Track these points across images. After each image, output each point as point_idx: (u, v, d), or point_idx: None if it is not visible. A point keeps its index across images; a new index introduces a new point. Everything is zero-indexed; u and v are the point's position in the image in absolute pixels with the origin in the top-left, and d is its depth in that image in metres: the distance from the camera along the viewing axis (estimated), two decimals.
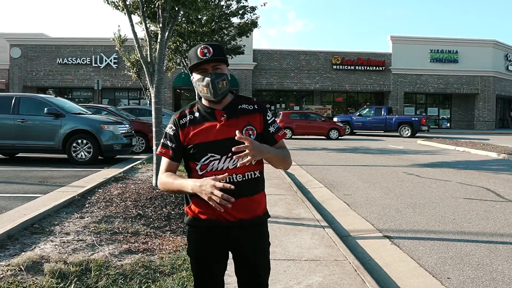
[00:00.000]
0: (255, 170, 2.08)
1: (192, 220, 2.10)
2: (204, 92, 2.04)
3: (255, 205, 2.10)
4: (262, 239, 2.17)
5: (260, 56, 34.81)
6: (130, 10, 6.09)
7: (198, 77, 2.04)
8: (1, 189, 7.38)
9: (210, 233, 2.06)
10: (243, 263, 2.15)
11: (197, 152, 2.03)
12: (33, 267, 3.50)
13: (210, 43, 2.09)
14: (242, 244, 2.10)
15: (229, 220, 2.03)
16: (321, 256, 4.48)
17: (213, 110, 2.07)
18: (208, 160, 2.01)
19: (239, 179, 2.03)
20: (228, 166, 2.01)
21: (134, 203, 5.81)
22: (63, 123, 10.43)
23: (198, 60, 2.01)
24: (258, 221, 2.13)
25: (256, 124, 2.10)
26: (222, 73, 2.04)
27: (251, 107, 2.12)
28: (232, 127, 2.01)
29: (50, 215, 5.08)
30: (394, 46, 35.24)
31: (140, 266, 3.78)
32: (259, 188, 2.13)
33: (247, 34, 14.80)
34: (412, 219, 6.34)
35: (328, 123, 24.65)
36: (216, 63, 2.04)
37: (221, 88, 2.02)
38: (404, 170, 11.35)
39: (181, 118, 2.09)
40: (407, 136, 25.78)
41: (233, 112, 2.08)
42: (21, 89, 32.66)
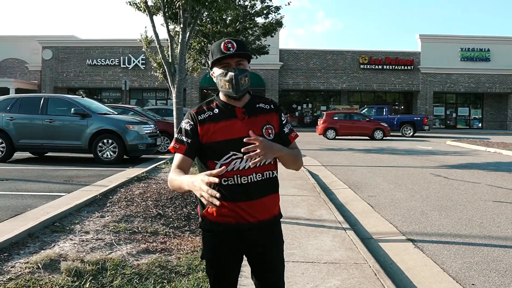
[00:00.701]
0: (273, 170, 2.07)
1: (208, 224, 2.05)
2: (225, 87, 1.99)
3: (272, 204, 2.09)
4: (279, 238, 2.17)
5: (287, 56, 34.69)
6: (151, 11, 6.13)
7: (220, 71, 2.00)
8: (28, 187, 7.57)
9: (228, 237, 2.02)
10: (261, 264, 2.12)
11: (218, 150, 1.97)
12: (50, 265, 3.55)
13: (234, 38, 2.06)
14: (261, 245, 2.07)
15: (250, 222, 2.00)
16: (340, 259, 4.38)
17: (233, 108, 2.03)
18: (230, 158, 1.96)
19: (259, 179, 2.00)
20: (251, 165, 1.96)
21: (154, 202, 5.84)
22: (89, 123, 10.62)
23: (222, 54, 1.97)
24: (275, 221, 2.12)
25: (274, 123, 2.08)
26: (245, 69, 2.02)
27: (268, 107, 2.11)
28: (253, 126, 1.99)
29: (72, 213, 5.16)
30: (423, 45, 34.50)
31: (157, 266, 3.78)
32: (275, 187, 2.11)
33: (271, 34, 14.74)
34: (437, 222, 6.15)
35: (373, 123, 24.30)
36: (240, 58, 2.01)
37: (243, 84, 1.99)
38: (432, 171, 11.06)
39: (200, 113, 2.03)
40: (409, 135, 25.89)
41: (253, 110, 2.06)
42: (52, 90, 33.58)
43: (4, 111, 10.98)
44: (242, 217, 1.98)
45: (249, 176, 1.97)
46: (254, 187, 1.99)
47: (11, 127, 10.82)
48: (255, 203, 1.99)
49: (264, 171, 2.02)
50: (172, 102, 6.35)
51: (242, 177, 1.97)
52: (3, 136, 10.83)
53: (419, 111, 34.79)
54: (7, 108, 11.01)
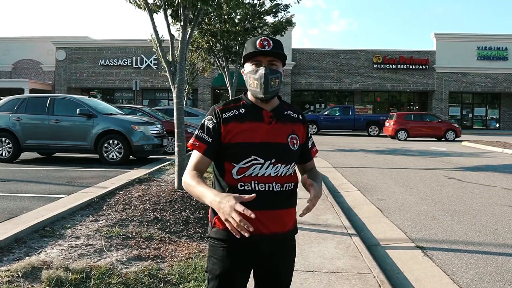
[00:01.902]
0: (293, 182, 1.95)
1: (221, 233, 1.87)
2: (254, 86, 1.87)
3: (288, 218, 1.94)
4: (291, 254, 2.03)
5: (299, 55, 34.38)
6: (151, 8, 5.95)
7: (250, 68, 1.89)
8: (29, 189, 7.46)
9: (239, 249, 1.86)
10: (268, 281, 1.99)
11: (238, 152, 1.83)
12: (32, 274, 3.36)
13: (272, 37, 1.92)
14: (272, 259, 1.94)
15: (263, 233, 1.84)
16: (343, 268, 4.13)
17: (261, 110, 1.90)
18: (250, 163, 1.83)
19: (278, 189, 1.86)
20: (270, 173, 1.85)
21: (153, 206, 5.65)
22: (95, 124, 10.52)
23: (255, 49, 1.84)
24: (289, 236, 1.98)
25: (300, 134, 1.98)
26: (277, 70, 1.88)
27: (296, 116, 2.00)
28: (279, 132, 1.89)
29: (65, 217, 4.99)
30: (439, 44, 33.85)
31: (146, 274, 3.59)
32: (293, 201, 1.97)
33: (281, 33, 14.49)
34: (449, 228, 5.85)
35: (445, 124, 24.05)
36: (273, 58, 1.88)
37: (273, 85, 1.86)
38: (445, 173, 10.71)
39: (225, 111, 1.89)
40: (375, 135, 26.37)
41: (280, 116, 1.93)
42: (65, 90, 33.83)
43: (11, 111, 10.94)
44: (256, 227, 1.80)
45: (267, 184, 1.84)
46: (272, 197, 1.85)
47: (18, 128, 10.78)
48: (270, 213, 1.85)
49: (284, 182, 1.89)
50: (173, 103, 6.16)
51: (260, 184, 1.83)
52: (10, 137, 10.79)
53: (434, 111, 34.13)
54: (14, 108, 10.98)
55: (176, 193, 6.23)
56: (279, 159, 1.86)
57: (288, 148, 1.90)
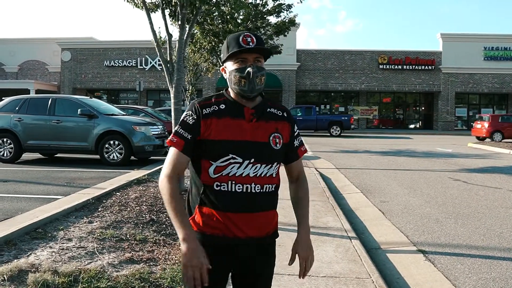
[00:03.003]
0: (274, 183, 1.87)
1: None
2: (239, 84, 1.79)
3: (266, 222, 1.87)
4: (270, 260, 1.94)
5: (304, 56, 34.25)
6: (149, 7, 5.87)
7: (235, 67, 1.80)
8: (27, 189, 7.40)
9: (215, 252, 1.78)
10: (245, 285, 1.92)
11: (216, 150, 1.76)
12: (18, 277, 3.28)
13: (253, 33, 1.85)
14: (250, 265, 1.87)
15: (238, 236, 1.77)
16: (341, 273, 4.02)
17: (242, 107, 1.83)
18: (228, 162, 1.76)
19: (257, 190, 1.79)
20: (249, 173, 1.77)
21: (149, 207, 5.57)
22: (96, 124, 10.46)
23: (240, 48, 1.76)
24: (267, 241, 1.89)
25: (284, 132, 1.90)
26: (262, 67, 1.83)
27: (280, 113, 1.92)
28: (261, 131, 1.82)
29: (58, 219, 4.91)
30: (445, 44, 33.59)
31: (137, 278, 3.49)
32: (273, 204, 1.90)
33: (284, 33, 14.39)
34: (452, 231, 5.71)
35: None
36: (259, 55, 1.82)
37: (259, 83, 1.81)
38: (450, 175, 10.55)
39: (205, 107, 1.81)
40: (337, 135, 26.38)
41: (262, 114, 1.86)
42: (71, 91, 33.90)
43: (13, 111, 10.91)
44: (229, 229, 1.77)
45: (245, 185, 1.77)
46: (249, 199, 1.78)
47: (19, 128, 10.75)
48: (246, 216, 1.77)
49: (264, 184, 1.81)
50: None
51: (237, 185, 1.76)
52: (11, 137, 10.76)
53: (440, 112, 33.93)
54: (15, 108, 10.95)
55: None
56: (259, 159, 1.79)
57: (270, 148, 1.82)
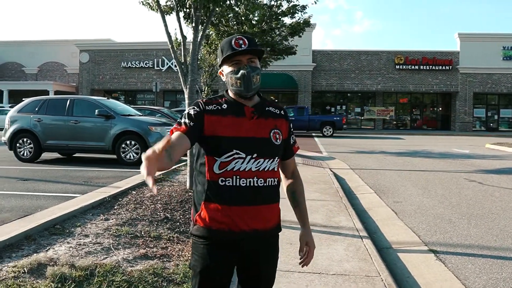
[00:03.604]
0: (274, 177, 1.95)
1: (201, 230, 1.90)
2: (236, 85, 1.89)
3: (270, 215, 1.95)
4: (274, 253, 2.03)
5: (320, 57, 34.19)
6: (163, 10, 5.99)
7: (231, 69, 1.90)
8: (46, 188, 7.61)
9: (221, 246, 1.87)
10: (250, 279, 1.99)
11: (220, 146, 1.84)
12: (38, 270, 3.42)
13: (244, 35, 1.96)
14: (252, 255, 1.94)
15: (243, 230, 1.85)
16: (351, 271, 4.06)
17: (242, 106, 1.92)
18: (232, 157, 1.84)
19: (260, 184, 1.87)
20: (251, 168, 1.85)
21: (164, 205, 5.69)
22: (113, 125, 10.66)
23: (233, 50, 1.86)
24: (271, 233, 1.98)
25: (283, 129, 2.01)
26: (257, 67, 1.92)
27: (278, 112, 2.03)
28: (262, 127, 1.92)
29: (76, 216, 5.06)
30: (462, 44, 33.16)
31: (151, 273, 3.60)
32: (276, 197, 1.98)
33: (299, 34, 14.43)
34: (465, 231, 5.70)
35: None
36: (252, 55, 1.91)
37: (255, 82, 1.90)
38: (466, 176, 10.46)
39: (209, 104, 1.91)
40: (329, 135, 26.58)
41: (262, 112, 1.96)
42: (89, 92, 34.45)
43: (32, 112, 11.19)
44: (235, 223, 1.84)
45: (249, 179, 1.84)
46: (253, 192, 1.86)
47: (39, 128, 11.01)
48: (251, 209, 1.86)
49: (267, 178, 1.89)
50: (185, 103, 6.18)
51: (241, 180, 1.84)
52: (31, 137, 11.03)
53: (458, 113, 33.51)
54: (35, 109, 11.22)
55: (187, 193, 6.25)
56: (261, 154, 1.87)
57: (271, 143, 1.91)
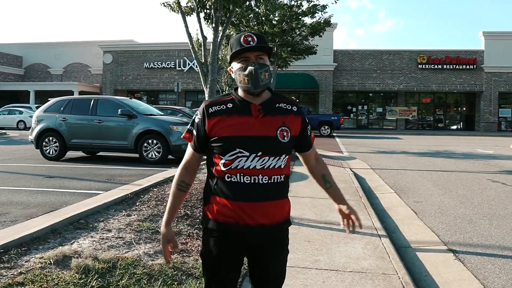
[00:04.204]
0: (282, 174, 1.96)
1: (209, 222, 1.98)
2: (244, 82, 1.90)
3: (276, 210, 1.97)
4: (280, 246, 2.05)
5: (341, 56, 34.01)
6: (184, 11, 6.11)
7: (239, 66, 1.91)
8: (71, 185, 7.83)
9: (227, 238, 1.94)
10: (259, 272, 2.04)
11: (224, 145, 1.89)
12: (63, 262, 3.56)
13: (254, 32, 2.01)
14: (259, 250, 1.98)
15: (248, 224, 1.91)
16: (368, 268, 4.09)
17: (249, 104, 1.93)
18: (235, 156, 1.88)
19: (265, 181, 1.90)
20: (256, 165, 1.88)
21: (184, 203, 5.79)
22: (135, 124, 10.86)
23: (241, 47, 1.88)
24: (278, 228, 2.00)
25: (292, 126, 1.99)
26: (265, 64, 1.92)
27: (289, 107, 2.01)
28: (267, 125, 1.92)
29: (99, 211, 5.22)
30: (487, 42, 32.50)
31: (171, 267, 3.69)
32: (282, 193, 2.01)
33: (319, 33, 14.42)
34: (485, 232, 5.64)
35: None
36: (260, 52, 1.92)
37: (263, 79, 1.90)
38: (489, 177, 10.29)
39: (211, 106, 1.95)
40: (326, 134, 26.52)
41: (270, 109, 1.95)
42: (112, 92, 35.07)
43: (58, 112, 11.50)
44: (241, 217, 1.89)
45: (253, 176, 1.88)
46: (258, 189, 1.89)
47: (64, 128, 11.30)
48: (256, 205, 1.90)
49: (272, 175, 1.91)
50: None
51: (245, 177, 1.88)
52: (56, 136, 11.34)
53: (482, 113, 32.86)
54: (60, 109, 11.52)
55: None
56: (267, 152, 1.89)
57: (277, 141, 1.92)
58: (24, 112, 27.20)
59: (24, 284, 3.12)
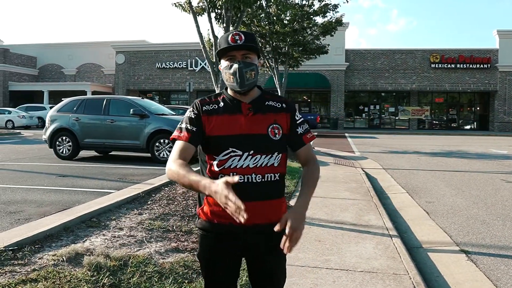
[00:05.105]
0: (275, 173, 1.92)
1: (203, 224, 1.95)
2: (230, 81, 1.88)
3: (271, 210, 1.93)
4: (277, 247, 1.94)
5: (353, 56, 33.87)
6: (195, 11, 6.14)
7: (226, 64, 1.90)
8: (83, 184, 7.91)
9: (222, 239, 1.91)
10: (258, 273, 2.01)
11: (217, 145, 1.87)
12: (75, 259, 3.61)
13: (243, 31, 1.96)
14: (254, 248, 1.95)
15: (243, 224, 1.80)
16: (379, 268, 4.07)
17: (239, 102, 1.91)
18: (228, 155, 1.85)
19: (258, 180, 1.87)
20: (249, 164, 1.85)
21: (195, 202, 5.83)
22: (147, 123, 10.94)
23: (227, 45, 1.86)
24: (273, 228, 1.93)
25: (283, 123, 1.96)
26: (252, 62, 1.89)
27: (279, 105, 1.98)
28: (258, 123, 1.89)
29: (111, 210, 5.27)
30: (501, 41, 32.09)
31: (181, 265, 3.72)
32: (277, 192, 1.96)
33: (331, 33, 14.37)
34: (498, 232, 5.57)
35: None
36: (247, 51, 1.88)
37: (249, 78, 1.87)
38: (503, 177, 10.16)
39: (204, 104, 1.93)
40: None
41: (260, 107, 1.93)
42: (124, 92, 35.37)
43: (71, 111, 11.62)
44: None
45: (246, 175, 1.85)
46: (251, 188, 1.85)
47: (77, 127, 11.42)
48: (250, 204, 1.80)
49: (265, 173, 1.88)
50: None
51: (239, 176, 1.82)
52: (69, 136, 11.46)
53: (497, 113, 32.47)
54: (73, 109, 11.65)
55: None
56: (258, 150, 1.87)
57: (269, 139, 1.89)
58: (12, 112, 28.92)
59: (37, 281, 3.17)
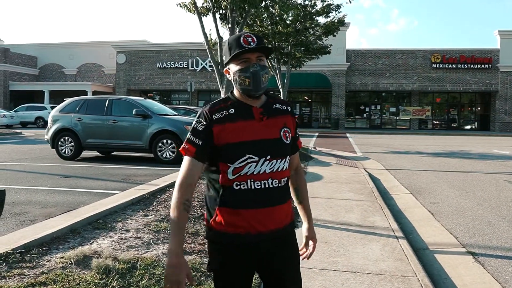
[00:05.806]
0: (286, 177, 1.93)
1: (216, 236, 1.86)
2: (245, 84, 1.83)
3: (285, 213, 1.92)
4: (294, 251, 1.98)
5: (354, 56, 33.86)
6: (200, 12, 6.12)
7: (238, 67, 1.83)
8: (87, 184, 7.90)
9: (237, 250, 1.84)
10: (273, 279, 1.94)
11: (232, 152, 1.80)
12: (83, 262, 3.60)
13: (253, 32, 1.95)
14: (273, 258, 1.90)
15: (260, 232, 1.82)
16: (387, 270, 4.05)
17: (251, 107, 1.87)
18: (245, 162, 1.80)
19: (275, 185, 1.84)
20: (266, 170, 1.82)
21: (200, 203, 5.82)
22: (150, 124, 10.92)
23: (242, 48, 1.80)
24: (288, 231, 1.95)
25: (290, 126, 1.96)
26: (266, 65, 1.87)
27: (285, 108, 1.98)
28: (271, 127, 1.87)
29: (117, 211, 5.26)
30: (503, 41, 32.08)
31: (189, 267, 3.70)
32: (287, 195, 1.96)
33: (333, 33, 14.35)
34: (505, 234, 5.56)
35: None
36: (260, 54, 1.85)
37: (264, 81, 1.85)
38: (507, 177, 10.15)
39: (215, 112, 1.85)
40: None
41: (271, 111, 1.91)
42: (125, 92, 35.36)
43: (73, 112, 11.60)
44: (252, 225, 1.81)
45: (263, 181, 1.82)
46: (268, 194, 1.83)
47: (79, 128, 11.41)
48: (266, 210, 1.83)
49: (281, 178, 1.87)
50: None
51: (256, 182, 1.81)
52: (72, 136, 11.44)
53: (498, 113, 32.47)
54: (76, 109, 11.63)
55: None
56: (274, 155, 1.85)
57: (282, 143, 1.89)
58: None
59: (46, 284, 3.16)
